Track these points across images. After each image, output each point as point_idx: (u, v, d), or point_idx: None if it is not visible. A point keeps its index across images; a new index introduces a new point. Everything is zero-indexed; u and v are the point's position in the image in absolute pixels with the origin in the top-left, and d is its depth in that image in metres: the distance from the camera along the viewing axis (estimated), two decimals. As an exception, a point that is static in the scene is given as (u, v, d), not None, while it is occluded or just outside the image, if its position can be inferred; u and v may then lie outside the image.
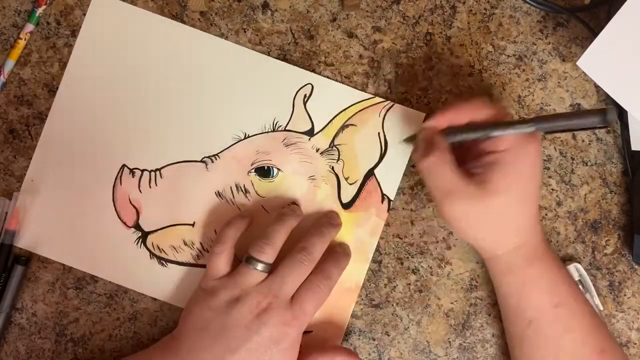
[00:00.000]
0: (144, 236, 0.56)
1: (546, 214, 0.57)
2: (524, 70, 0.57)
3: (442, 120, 0.49)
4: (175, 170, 0.56)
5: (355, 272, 0.57)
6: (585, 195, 0.57)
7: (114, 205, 0.56)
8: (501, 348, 0.57)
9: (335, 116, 0.57)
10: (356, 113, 0.57)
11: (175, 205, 0.56)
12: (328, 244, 0.54)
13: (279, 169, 0.56)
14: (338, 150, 0.57)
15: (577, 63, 0.49)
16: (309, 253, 0.52)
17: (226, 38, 0.57)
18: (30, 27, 0.56)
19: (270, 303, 0.50)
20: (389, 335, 0.57)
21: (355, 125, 0.57)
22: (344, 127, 0.57)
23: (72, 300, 0.57)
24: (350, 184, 0.57)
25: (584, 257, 0.57)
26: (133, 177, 0.56)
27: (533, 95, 0.57)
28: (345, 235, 0.57)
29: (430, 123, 0.50)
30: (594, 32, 0.53)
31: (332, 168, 0.57)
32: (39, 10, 0.56)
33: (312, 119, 0.57)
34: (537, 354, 0.51)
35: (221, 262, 0.52)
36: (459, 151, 0.49)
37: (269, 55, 0.57)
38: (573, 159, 0.57)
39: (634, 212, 0.56)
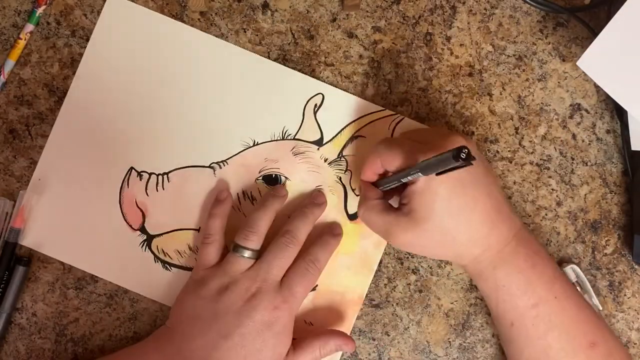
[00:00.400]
0: (149, 239, 0.56)
1: (546, 214, 0.57)
2: (524, 70, 0.57)
3: (367, 175, 0.53)
4: (183, 174, 0.56)
5: (358, 284, 0.57)
6: (585, 195, 0.57)
7: (120, 208, 0.56)
8: (501, 348, 0.57)
9: (345, 127, 0.57)
10: (366, 125, 0.57)
11: (182, 210, 0.56)
12: (312, 225, 0.55)
13: (286, 178, 0.57)
14: (346, 160, 0.57)
15: (577, 63, 0.49)
16: (293, 236, 0.53)
17: (226, 38, 0.57)
18: (30, 27, 0.56)
19: (259, 288, 0.51)
20: (389, 335, 0.57)
21: (365, 137, 0.57)
22: (353, 138, 0.57)
23: (72, 300, 0.57)
24: (358, 195, 0.57)
25: (584, 257, 0.57)
26: (140, 180, 0.56)
27: (533, 95, 0.57)
28: (349, 246, 0.56)
29: (361, 178, 0.54)
30: (594, 32, 0.53)
31: (340, 179, 0.57)
32: (39, 10, 0.56)
33: (322, 129, 0.57)
34: (526, 352, 0.51)
35: (211, 252, 0.53)
36: (401, 187, 0.51)
37: (268, 55, 0.57)
38: (573, 159, 0.57)
39: (634, 212, 0.56)
